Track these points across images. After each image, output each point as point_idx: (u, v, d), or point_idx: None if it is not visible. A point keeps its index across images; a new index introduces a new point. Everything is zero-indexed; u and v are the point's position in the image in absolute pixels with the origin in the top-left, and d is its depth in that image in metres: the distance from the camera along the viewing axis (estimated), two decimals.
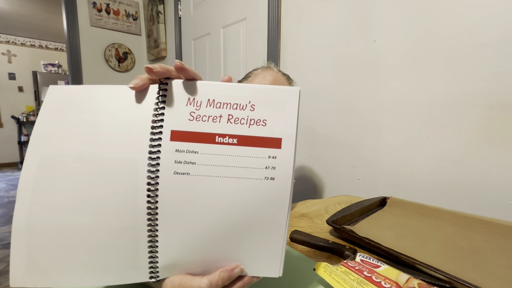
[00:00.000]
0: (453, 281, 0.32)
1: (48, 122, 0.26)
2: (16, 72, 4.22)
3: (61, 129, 0.25)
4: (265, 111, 0.26)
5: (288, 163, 0.25)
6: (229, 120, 0.25)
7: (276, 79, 0.68)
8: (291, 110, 0.26)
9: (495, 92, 0.62)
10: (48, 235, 0.24)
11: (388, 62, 0.81)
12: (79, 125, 0.25)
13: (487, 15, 0.62)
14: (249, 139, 0.25)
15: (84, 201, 0.24)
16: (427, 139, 0.74)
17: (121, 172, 0.25)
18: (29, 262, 0.24)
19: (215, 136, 0.25)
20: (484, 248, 0.41)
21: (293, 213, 0.61)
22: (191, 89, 0.26)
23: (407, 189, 0.79)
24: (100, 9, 2.02)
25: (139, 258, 0.25)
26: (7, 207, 2.46)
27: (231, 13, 1.42)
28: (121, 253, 0.25)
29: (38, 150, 0.25)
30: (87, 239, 0.24)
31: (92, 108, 0.26)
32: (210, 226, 0.25)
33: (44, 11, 3.41)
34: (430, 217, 0.54)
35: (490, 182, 0.64)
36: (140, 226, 0.24)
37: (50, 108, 0.26)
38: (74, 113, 0.26)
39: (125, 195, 0.24)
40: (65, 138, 0.25)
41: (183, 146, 0.25)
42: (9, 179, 3.51)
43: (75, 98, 0.26)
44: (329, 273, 0.32)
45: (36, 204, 0.24)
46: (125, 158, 0.25)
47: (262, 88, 0.26)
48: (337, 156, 0.97)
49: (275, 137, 0.25)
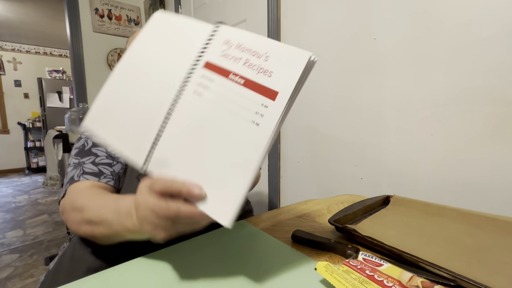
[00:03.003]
0: (457, 279, 0.32)
1: (144, 40, 0.38)
2: (21, 79, 4.28)
3: (150, 43, 0.37)
4: (275, 65, 0.29)
5: (275, 115, 0.28)
6: (245, 63, 0.30)
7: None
8: (296, 71, 0.29)
9: (498, 88, 0.61)
10: (112, 100, 0.36)
11: (389, 59, 0.80)
12: (160, 44, 0.36)
13: (488, 9, 0.61)
14: (253, 84, 0.29)
15: (140, 86, 0.35)
16: (430, 137, 0.73)
17: (167, 78, 0.34)
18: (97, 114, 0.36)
19: (229, 73, 0.31)
20: (490, 246, 0.40)
21: (295, 213, 0.61)
22: (231, 32, 0.33)
23: (410, 188, 0.78)
24: (102, 15, 2.05)
25: (144, 143, 0.32)
26: (13, 213, 2.48)
27: (231, 15, 1.43)
28: (138, 130, 0.33)
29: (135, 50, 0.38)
30: (129, 109, 0.35)
31: (173, 36, 0.36)
32: (197, 142, 0.30)
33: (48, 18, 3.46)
34: (435, 215, 0.53)
35: (495, 179, 0.63)
36: (158, 119, 0.32)
37: (149, 30, 0.38)
38: (163, 36, 0.37)
39: (161, 94, 0.33)
40: (149, 47, 0.37)
41: (207, 74, 0.32)
42: (16, 184, 3.55)
43: (169, 26, 0.37)
44: (331, 273, 0.32)
45: (118, 81, 0.37)
46: (175, 69, 0.34)
47: (279, 44, 0.30)
48: (340, 155, 0.96)
49: (273, 89, 0.29)
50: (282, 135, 1.18)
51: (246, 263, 0.39)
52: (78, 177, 0.48)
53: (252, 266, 0.38)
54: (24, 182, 3.66)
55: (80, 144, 0.56)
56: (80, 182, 0.48)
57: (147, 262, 0.39)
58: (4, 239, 1.95)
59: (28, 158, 4.23)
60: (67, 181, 0.49)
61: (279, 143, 1.20)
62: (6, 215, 2.42)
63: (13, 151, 4.27)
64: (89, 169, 0.50)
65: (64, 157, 1.47)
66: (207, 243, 0.45)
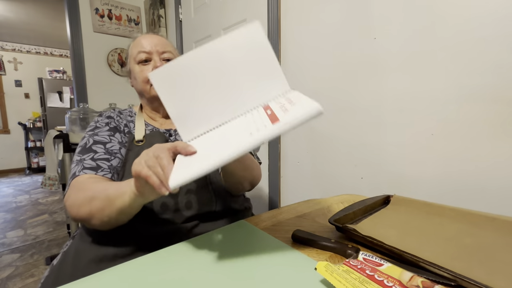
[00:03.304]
0: (458, 279, 0.32)
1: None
2: (22, 79, 4.29)
3: (239, 51, 0.43)
4: (293, 107, 0.37)
5: (267, 133, 0.34)
6: (280, 105, 0.40)
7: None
8: (302, 115, 0.34)
9: (499, 87, 0.61)
10: (186, 73, 0.44)
11: (389, 59, 0.80)
12: (246, 61, 0.44)
13: (489, 8, 0.61)
14: (272, 114, 0.38)
15: (213, 83, 0.44)
16: (430, 136, 0.73)
17: (237, 95, 0.44)
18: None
19: (268, 108, 0.41)
20: (490, 246, 0.40)
21: (295, 212, 0.61)
22: (293, 95, 0.43)
23: (411, 187, 0.78)
24: (103, 15, 2.05)
25: (198, 129, 0.45)
26: (14, 212, 2.49)
27: (231, 15, 1.42)
28: (198, 116, 0.44)
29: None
30: (197, 94, 0.44)
31: (258, 61, 0.44)
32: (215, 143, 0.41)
33: (48, 18, 3.46)
34: (435, 215, 0.53)
35: (496, 178, 0.62)
36: (217, 121, 0.45)
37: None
38: (252, 53, 0.44)
39: (227, 104, 0.45)
40: (236, 54, 0.43)
41: (261, 111, 0.42)
42: (16, 184, 3.56)
43: (260, 45, 0.43)
44: (331, 273, 0.32)
45: (198, 62, 0.44)
46: (247, 94, 0.45)
47: (306, 97, 0.38)
48: (340, 155, 0.96)
49: (278, 117, 0.36)
50: (282, 135, 1.18)
51: (246, 263, 0.39)
52: (79, 172, 0.53)
53: (252, 266, 0.38)
54: (24, 182, 3.66)
55: (83, 142, 0.60)
56: (80, 176, 0.53)
57: (147, 262, 0.39)
58: (5, 239, 1.96)
59: (28, 158, 4.24)
60: (70, 177, 0.54)
61: (279, 143, 1.20)
62: (7, 215, 2.42)
63: (13, 151, 4.28)
64: (88, 164, 0.54)
65: (65, 157, 1.47)
66: (207, 243, 0.45)
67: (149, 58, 0.66)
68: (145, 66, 0.66)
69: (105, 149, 0.58)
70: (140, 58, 0.66)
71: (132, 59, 0.68)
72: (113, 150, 0.59)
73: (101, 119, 0.65)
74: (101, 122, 0.64)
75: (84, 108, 1.60)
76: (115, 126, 0.64)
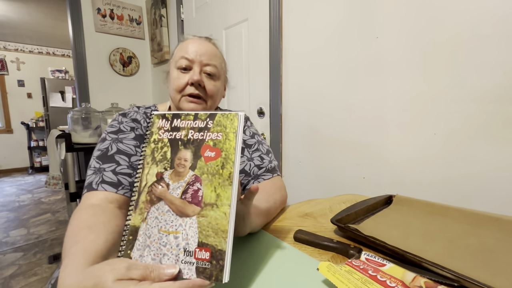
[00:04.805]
0: (461, 280, 0.31)
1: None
2: (24, 79, 4.31)
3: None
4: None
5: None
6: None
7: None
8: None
9: (501, 86, 0.60)
10: None
11: (391, 58, 0.80)
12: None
13: (491, 6, 0.61)
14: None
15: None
16: (433, 136, 0.72)
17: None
18: None
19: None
20: (493, 246, 0.40)
21: (298, 213, 0.61)
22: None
23: (413, 187, 0.77)
24: (105, 14, 2.06)
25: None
26: (17, 212, 2.50)
27: (232, 15, 1.42)
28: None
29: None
30: None
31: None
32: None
33: (50, 18, 3.48)
34: (438, 215, 0.52)
35: (499, 178, 0.62)
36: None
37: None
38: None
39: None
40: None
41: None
42: (19, 184, 3.58)
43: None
44: (333, 273, 0.32)
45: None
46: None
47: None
48: (341, 155, 0.96)
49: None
50: (284, 134, 1.18)
51: (248, 263, 0.39)
52: (97, 185, 0.48)
53: (254, 266, 0.38)
54: (27, 181, 3.69)
55: (104, 147, 0.53)
56: (97, 192, 0.47)
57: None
58: (8, 237, 1.97)
59: (31, 157, 4.26)
60: (85, 185, 0.49)
61: (280, 143, 1.20)
62: (10, 214, 2.44)
63: (16, 150, 4.31)
64: (109, 178, 0.49)
65: (67, 156, 1.48)
66: None
67: (190, 67, 0.60)
68: (182, 74, 0.60)
69: (129, 163, 0.53)
70: (180, 64, 0.60)
71: (173, 62, 0.63)
72: (137, 166, 0.53)
73: (126, 121, 0.59)
74: (126, 125, 0.58)
75: (86, 108, 1.61)
76: (141, 134, 0.58)
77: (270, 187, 0.61)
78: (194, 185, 0.34)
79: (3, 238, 1.96)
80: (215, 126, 0.36)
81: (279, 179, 0.68)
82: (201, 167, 0.34)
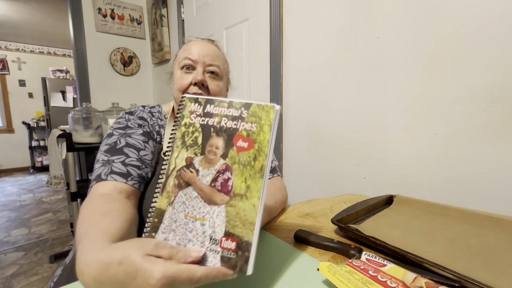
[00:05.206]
0: (462, 280, 0.31)
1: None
2: (26, 79, 4.32)
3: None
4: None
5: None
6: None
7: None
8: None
9: (503, 86, 0.60)
10: None
11: (392, 58, 0.79)
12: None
13: (493, 5, 0.60)
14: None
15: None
16: (434, 136, 0.72)
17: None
18: None
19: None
20: (495, 246, 0.40)
21: (298, 213, 0.61)
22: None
23: (414, 187, 0.77)
24: (105, 14, 2.06)
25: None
26: (18, 211, 2.51)
27: (233, 14, 1.42)
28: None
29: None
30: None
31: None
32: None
33: (51, 18, 3.48)
34: (438, 215, 0.52)
35: (500, 178, 0.62)
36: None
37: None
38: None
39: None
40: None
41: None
42: (20, 183, 3.59)
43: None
44: (333, 273, 0.32)
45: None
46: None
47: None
48: (342, 155, 0.96)
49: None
50: (284, 134, 1.18)
51: None
52: (106, 175, 0.47)
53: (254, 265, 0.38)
54: (28, 181, 3.70)
55: (112, 141, 0.53)
56: (106, 182, 0.46)
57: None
58: (9, 237, 1.97)
59: (32, 157, 4.27)
60: (93, 178, 0.48)
61: (281, 143, 1.19)
62: (11, 214, 2.45)
63: (17, 150, 4.32)
64: (118, 168, 0.49)
65: (68, 156, 1.48)
66: None
67: (193, 67, 0.62)
68: (186, 74, 0.62)
69: (138, 156, 0.53)
70: (184, 64, 0.62)
71: (177, 62, 0.64)
72: (146, 159, 0.54)
73: (133, 119, 0.59)
74: (133, 122, 0.58)
75: (87, 108, 1.61)
76: (148, 131, 0.59)
77: (270, 187, 0.61)
78: (224, 174, 0.33)
79: (4, 237, 1.97)
80: (249, 116, 0.34)
81: (279, 179, 0.68)
82: (232, 157, 0.33)
